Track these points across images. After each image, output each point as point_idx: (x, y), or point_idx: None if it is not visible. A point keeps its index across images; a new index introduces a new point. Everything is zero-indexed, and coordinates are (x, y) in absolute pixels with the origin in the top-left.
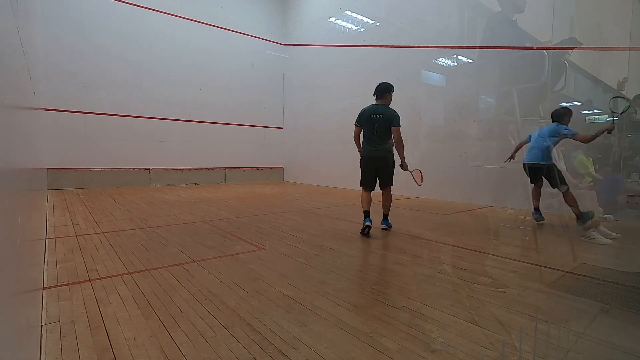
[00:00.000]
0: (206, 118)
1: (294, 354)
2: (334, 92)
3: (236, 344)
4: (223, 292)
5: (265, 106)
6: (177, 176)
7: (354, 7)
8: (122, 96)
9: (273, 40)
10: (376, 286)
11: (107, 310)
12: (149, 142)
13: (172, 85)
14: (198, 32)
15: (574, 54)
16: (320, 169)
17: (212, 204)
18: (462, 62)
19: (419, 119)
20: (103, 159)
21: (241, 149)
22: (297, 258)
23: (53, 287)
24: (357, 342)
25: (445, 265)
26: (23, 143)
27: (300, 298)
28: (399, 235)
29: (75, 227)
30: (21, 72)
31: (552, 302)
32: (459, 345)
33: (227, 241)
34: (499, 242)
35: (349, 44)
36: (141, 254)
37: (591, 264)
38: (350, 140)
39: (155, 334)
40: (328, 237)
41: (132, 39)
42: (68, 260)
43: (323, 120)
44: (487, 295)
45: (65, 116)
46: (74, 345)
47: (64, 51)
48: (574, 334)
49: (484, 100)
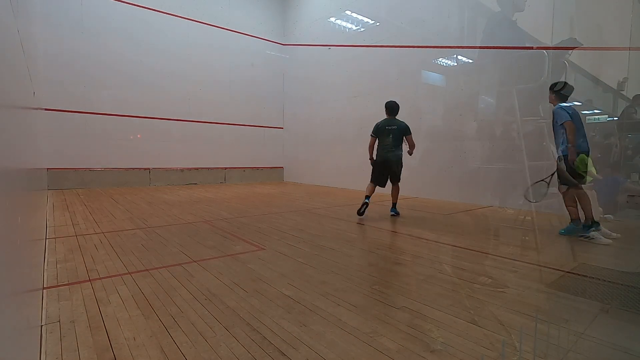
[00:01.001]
0: (206, 118)
1: (294, 354)
2: (334, 92)
3: (236, 344)
4: (223, 292)
5: (265, 106)
6: (177, 176)
7: (354, 7)
8: (122, 96)
9: (273, 40)
10: (376, 286)
11: (107, 310)
12: (149, 142)
13: (172, 85)
14: (198, 32)
15: (574, 54)
16: (320, 169)
17: (212, 204)
18: (462, 62)
19: (419, 119)
20: (103, 159)
21: (241, 149)
22: (297, 258)
23: (53, 287)
24: (357, 342)
25: (445, 265)
26: (23, 143)
27: (300, 298)
28: (399, 235)
29: (75, 227)
30: (21, 72)
31: (552, 302)
32: (459, 345)
33: (227, 241)
34: (499, 242)
35: (349, 44)
36: (141, 254)
37: (591, 264)
38: (350, 140)
39: (155, 334)
40: (328, 237)
41: (132, 39)
42: (68, 260)
43: (323, 120)
44: (487, 295)
45: (65, 116)
46: (74, 345)
47: (64, 51)
48: (574, 334)
49: (484, 100)
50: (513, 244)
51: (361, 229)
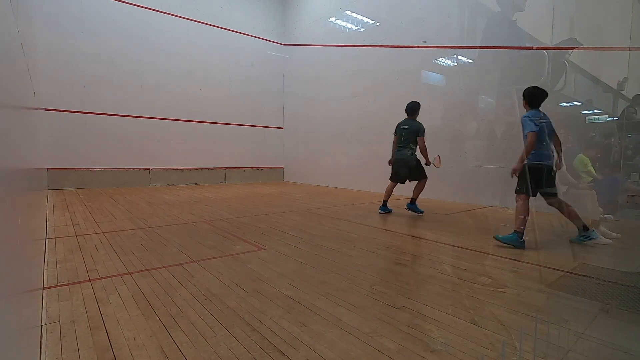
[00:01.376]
0: (206, 118)
1: (294, 354)
2: (334, 92)
3: (236, 344)
4: (223, 292)
5: (265, 106)
6: (177, 176)
7: (354, 7)
8: (122, 96)
9: (273, 40)
10: (376, 286)
11: (107, 310)
12: (149, 142)
13: (172, 85)
14: (198, 31)
15: (574, 54)
16: (320, 169)
17: (212, 204)
18: (462, 62)
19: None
20: (103, 159)
21: (241, 149)
22: (297, 258)
23: (53, 287)
24: (357, 342)
25: (445, 265)
26: (23, 143)
27: (300, 298)
28: (399, 235)
29: (75, 227)
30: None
31: (552, 302)
32: (459, 345)
33: (227, 241)
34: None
35: (349, 44)
36: (141, 254)
37: (591, 264)
38: (350, 140)
39: (155, 334)
40: (328, 237)
41: (132, 38)
42: (68, 260)
43: (323, 120)
44: (487, 295)
45: (65, 116)
46: (74, 345)
47: (64, 51)
48: (574, 334)
49: (484, 100)
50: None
51: (361, 229)
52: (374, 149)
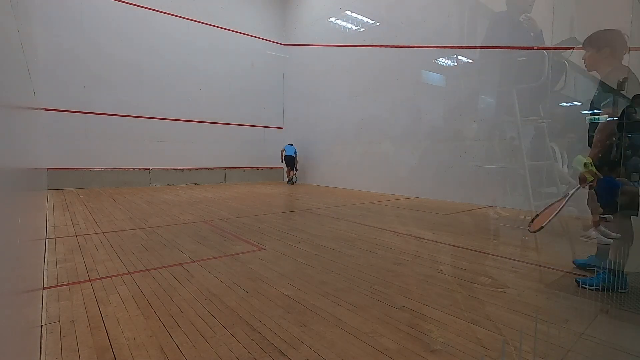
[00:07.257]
0: (206, 118)
1: (294, 354)
2: (334, 92)
3: (236, 344)
4: (223, 292)
5: (265, 106)
6: (177, 176)
7: (354, 7)
8: (122, 96)
9: (273, 40)
10: (376, 286)
11: (107, 310)
12: (149, 142)
13: (172, 85)
14: (198, 32)
15: (574, 54)
16: (320, 169)
17: (212, 204)
18: (462, 62)
19: (419, 119)
20: (103, 159)
21: (241, 149)
22: (297, 258)
23: (53, 287)
24: (357, 342)
25: (445, 265)
26: (23, 143)
27: (300, 298)
28: (399, 235)
29: (75, 227)
30: (21, 72)
31: (552, 302)
32: (459, 345)
33: (227, 241)
34: (499, 242)
35: (349, 44)
36: (141, 254)
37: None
38: (350, 140)
39: (155, 334)
40: (328, 237)
41: (132, 38)
42: (68, 260)
43: (323, 120)
44: (487, 295)
45: (65, 116)
46: (74, 345)
47: (64, 51)
48: (574, 334)
49: (484, 100)
50: (513, 244)
51: (361, 229)
52: (373, 149)
